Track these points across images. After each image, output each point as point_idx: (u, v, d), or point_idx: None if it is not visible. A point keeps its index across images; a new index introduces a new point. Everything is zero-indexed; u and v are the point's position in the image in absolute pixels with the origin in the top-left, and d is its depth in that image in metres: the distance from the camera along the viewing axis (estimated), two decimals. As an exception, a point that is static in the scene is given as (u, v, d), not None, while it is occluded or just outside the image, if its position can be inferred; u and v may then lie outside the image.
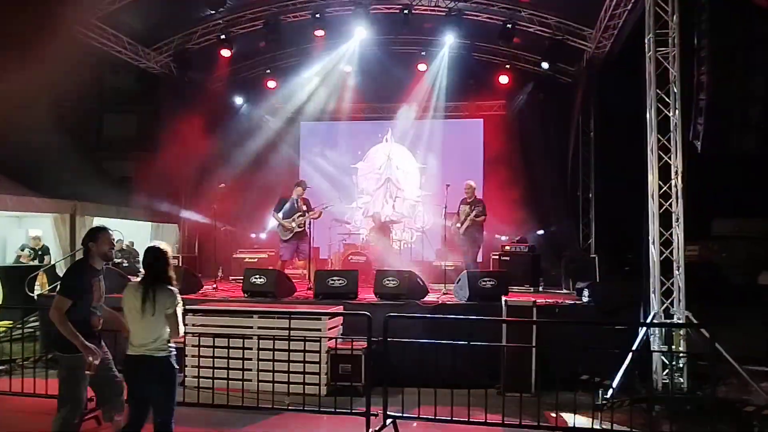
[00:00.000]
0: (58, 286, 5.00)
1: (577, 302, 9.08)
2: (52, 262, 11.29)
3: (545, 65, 12.52)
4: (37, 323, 9.27)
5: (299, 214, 10.63)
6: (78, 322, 4.83)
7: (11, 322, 8.93)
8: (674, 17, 7.58)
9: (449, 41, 12.83)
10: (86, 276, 4.98)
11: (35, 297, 9.73)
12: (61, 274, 10.90)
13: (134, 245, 13.05)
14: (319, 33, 12.52)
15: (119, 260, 11.51)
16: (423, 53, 13.94)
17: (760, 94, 7.67)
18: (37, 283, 10.44)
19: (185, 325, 7.65)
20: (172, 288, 4.70)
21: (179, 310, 4.67)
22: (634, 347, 7.18)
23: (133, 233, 13.05)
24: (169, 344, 4.67)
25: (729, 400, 6.77)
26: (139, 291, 4.61)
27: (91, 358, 4.78)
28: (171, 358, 4.67)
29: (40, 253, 12.41)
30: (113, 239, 5.20)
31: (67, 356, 4.84)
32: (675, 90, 7.60)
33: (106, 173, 15.09)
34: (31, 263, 11.90)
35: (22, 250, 12.44)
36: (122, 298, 4.70)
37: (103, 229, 5.14)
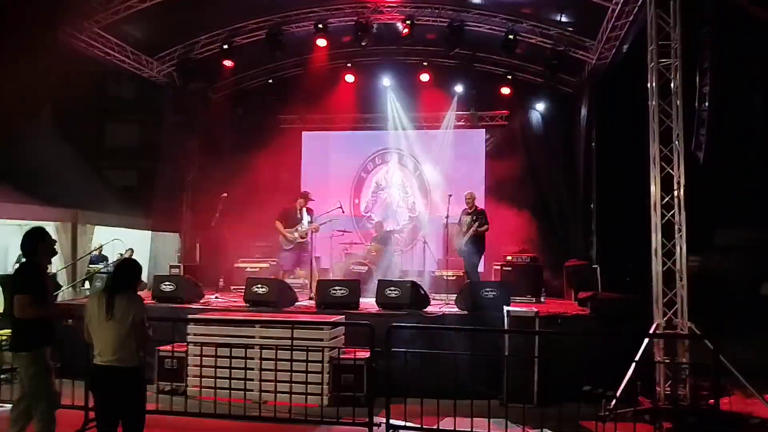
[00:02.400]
0: (15, 287, 5.00)
1: (580, 313, 9.07)
2: (54, 271, 11.27)
3: (548, 75, 12.53)
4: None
5: (301, 224, 10.67)
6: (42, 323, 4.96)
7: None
8: (676, 29, 7.59)
9: (451, 52, 12.85)
10: (37, 273, 5.04)
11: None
12: (62, 283, 10.91)
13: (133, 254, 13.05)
14: (322, 43, 12.56)
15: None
16: (425, 64, 13.98)
17: (761, 105, 7.72)
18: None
19: (187, 334, 7.74)
20: (136, 296, 4.65)
21: (145, 318, 4.61)
22: (636, 358, 7.16)
23: (134, 242, 13.05)
24: (138, 354, 4.58)
25: (733, 412, 6.75)
26: (102, 299, 4.52)
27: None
28: (139, 369, 4.60)
29: None
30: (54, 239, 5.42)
31: (32, 352, 4.91)
32: (677, 101, 7.61)
33: (107, 182, 15.09)
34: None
35: (17, 262, 12.42)
36: (85, 306, 4.65)
37: (45, 230, 5.28)
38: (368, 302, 9.32)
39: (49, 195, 11.13)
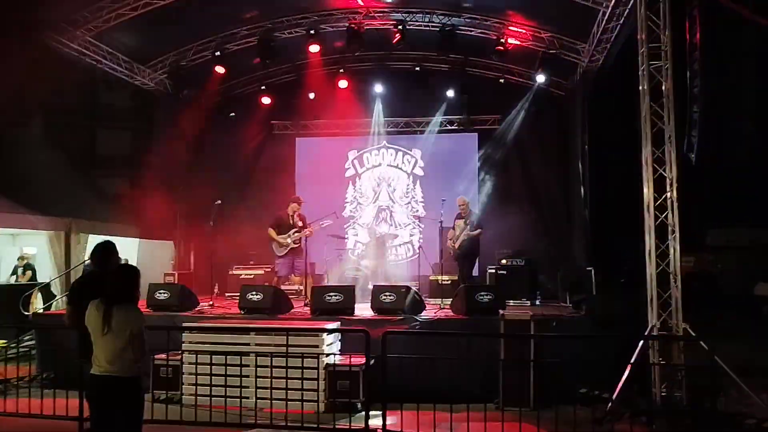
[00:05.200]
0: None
1: (575, 315, 9.08)
2: (48, 280, 11.21)
3: (540, 78, 12.56)
4: (31, 342, 9.19)
5: (295, 230, 10.66)
6: None
7: (5, 341, 8.86)
8: (666, 31, 7.64)
9: (443, 56, 12.87)
10: None
11: (29, 316, 9.65)
12: (56, 292, 10.84)
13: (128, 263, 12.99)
14: (314, 49, 12.56)
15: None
16: (417, 68, 14.01)
17: (752, 106, 7.75)
18: (30, 301, 10.38)
19: (182, 342, 7.71)
20: (134, 308, 4.57)
21: (144, 328, 4.54)
22: (632, 360, 7.17)
23: (128, 251, 12.98)
24: (136, 364, 4.51)
25: (729, 412, 6.76)
26: (101, 309, 4.46)
27: None
28: (137, 380, 4.53)
29: (24, 271, 12.42)
30: None
31: None
32: (668, 103, 7.65)
33: (99, 190, 15.02)
34: (26, 282, 11.87)
35: (13, 274, 12.40)
36: (85, 315, 4.58)
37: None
38: (363, 308, 9.30)
39: (42, 204, 11.06)
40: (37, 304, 10.76)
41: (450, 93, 14.14)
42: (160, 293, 9.43)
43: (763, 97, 7.57)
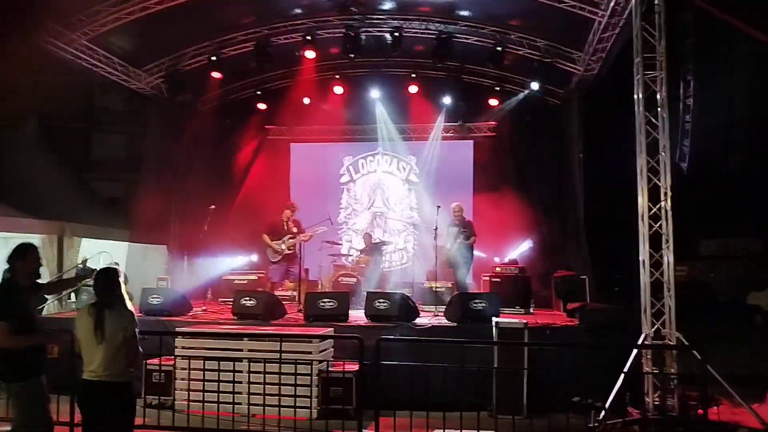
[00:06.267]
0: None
1: (568, 324, 9.08)
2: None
3: (535, 86, 12.62)
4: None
5: (289, 236, 10.64)
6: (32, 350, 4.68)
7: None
8: (661, 41, 7.69)
9: (439, 64, 12.89)
10: (16, 296, 4.82)
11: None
12: (47, 296, 10.76)
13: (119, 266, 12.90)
14: (310, 54, 12.57)
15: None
16: (413, 75, 14.03)
17: (744, 116, 7.82)
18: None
19: (175, 347, 7.68)
20: (127, 310, 4.54)
21: (137, 332, 4.52)
22: (625, 369, 7.17)
23: (121, 254, 12.94)
24: (129, 369, 4.50)
25: (721, 422, 6.77)
26: (92, 314, 4.43)
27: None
28: (131, 384, 4.51)
29: None
30: (40, 257, 5.09)
31: (27, 383, 4.65)
32: (663, 113, 7.69)
33: (94, 194, 15.00)
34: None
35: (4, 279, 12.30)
36: (75, 321, 4.55)
37: (31, 247, 5.02)
38: (357, 314, 9.29)
39: (35, 207, 11.01)
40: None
41: (446, 100, 14.16)
42: (153, 298, 9.40)
43: (754, 107, 7.64)
